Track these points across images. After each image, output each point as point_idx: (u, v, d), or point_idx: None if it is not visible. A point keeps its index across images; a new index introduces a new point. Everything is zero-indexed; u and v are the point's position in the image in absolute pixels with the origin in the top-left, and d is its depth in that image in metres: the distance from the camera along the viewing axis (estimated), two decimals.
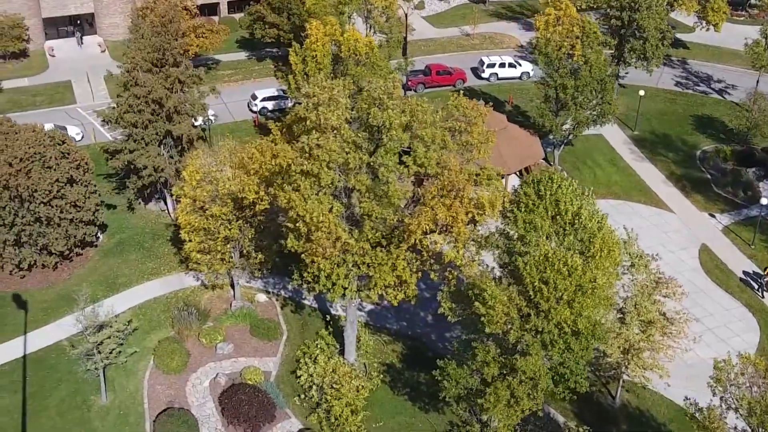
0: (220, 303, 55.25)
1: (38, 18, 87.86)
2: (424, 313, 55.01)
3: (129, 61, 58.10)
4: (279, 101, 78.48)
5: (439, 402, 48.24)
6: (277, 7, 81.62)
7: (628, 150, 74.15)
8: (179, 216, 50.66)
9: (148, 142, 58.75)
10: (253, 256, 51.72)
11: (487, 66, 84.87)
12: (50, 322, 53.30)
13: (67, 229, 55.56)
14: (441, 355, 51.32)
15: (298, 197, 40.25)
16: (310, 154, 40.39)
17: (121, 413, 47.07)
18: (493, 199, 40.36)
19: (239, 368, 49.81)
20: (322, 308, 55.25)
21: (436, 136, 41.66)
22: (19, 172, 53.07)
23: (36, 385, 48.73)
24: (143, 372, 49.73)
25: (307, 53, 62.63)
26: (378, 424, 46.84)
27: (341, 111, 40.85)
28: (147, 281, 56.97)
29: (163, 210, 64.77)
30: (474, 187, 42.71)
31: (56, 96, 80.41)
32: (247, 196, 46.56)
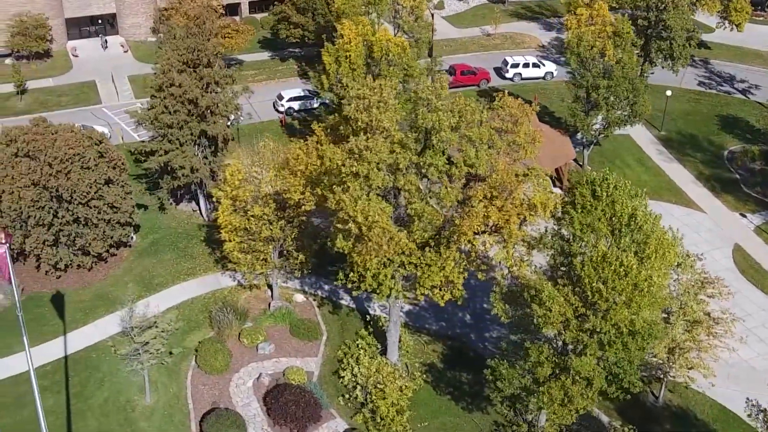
0: (258, 303, 55.29)
1: (61, 18, 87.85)
2: (462, 314, 55.08)
3: (164, 62, 58.07)
4: (305, 101, 78.53)
5: (482, 402, 48.44)
6: (302, 8, 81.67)
7: (656, 150, 74.26)
8: (220, 216, 50.67)
9: (183, 143, 58.78)
10: (293, 256, 51.77)
11: (511, 66, 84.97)
12: (89, 323, 53.35)
13: (105, 229, 55.58)
14: (482, 355, 51.94)
15: (348, 198, 40.30)
16: (359, 155, 40.48)
17: (166, 413, 47.11)
18: (545, 200, 40.42)
19: (281, 368, 49.87)
20: (359, 308, 55.30)
21: (484, 136, 41.76)
22: (59, 173, 53.10)
23: (79, 385, 48.77)
24: (185, 372, 49.78)
25: (340, 53, 62.61)
26: (423, 424, 46.91)
27: (392, 112, 40.97)
28: (183, 281, 57.01)
29: (195, 210, 64.81)
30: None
31: (81, 96, 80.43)
32: (291, 196, 46.59)
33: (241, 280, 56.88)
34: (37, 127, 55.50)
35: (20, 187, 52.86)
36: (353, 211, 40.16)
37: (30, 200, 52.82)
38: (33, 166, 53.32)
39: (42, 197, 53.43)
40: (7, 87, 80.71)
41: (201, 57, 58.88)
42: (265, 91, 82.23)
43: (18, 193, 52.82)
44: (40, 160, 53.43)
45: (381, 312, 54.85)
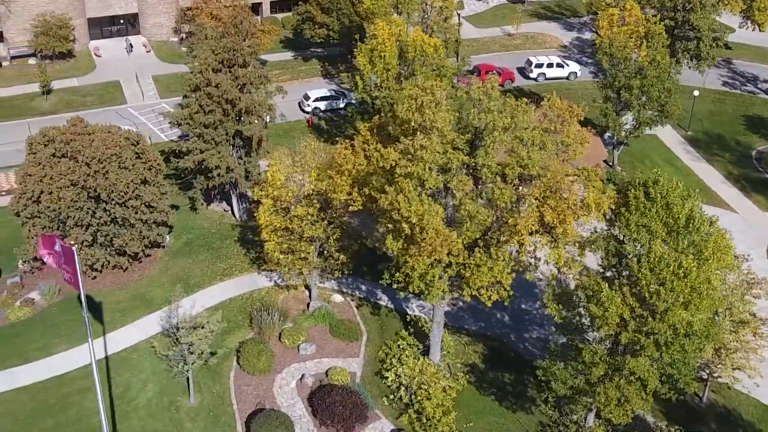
0: (296, 303, 55.24)
1: (83, 18, 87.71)
2: (500, 314, 55.07)
3: (200, 62, 57.98)
4: (331, 101, 78.46)
5: (526, 402, 48.47)
6: (327, 8, 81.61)
7: (684, 150, 74.33)
8: (260, 216, 50.57)
9: (218, 143, 58.71)
10: (334, 257, 51.71)
11: (535, 66, 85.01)
12: (128, 323, 53.25)
13: (141, 230, 55.48)
14: (523, 355, 51.98)
15: (402, 199, 40.26)
16: (413, 155, 40.44)
17: (211, 414, 47.05)
18: (599, 200, 40.42)
19: (323, 369, 49.82)
20: (398, 309, 55.27)
21: (536, 137, 41.78)
22: (97, 173, 53.01)
23: (122, 386, 48.68)
24: (228, 373, 49.72)
25: (374, 53, 62.57)
26: (468, 424, 46.88)
27: (445, 113, 40.97)
28: (220, 282, 56.93)
29: (227, 211, 64.71)
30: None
31: (106, 96, 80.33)
32: (338, 197, 46.54)
33: (278, 280, 56.85)
34: (74, 127, 55.43)
35: (59, 187, 52.82)
36: (407, 212, 40.14)
37: (69, 200, 52.76)
38: (72, 166, 53.27)
39: (80, 197, 53.37)
40: (31, 87, 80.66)
41: (237, 57, 58.82)
42: (290, 91, 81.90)
43: (57, 194, 52.77)
44: (79, 160, 53.37)
45: (419, 312, 54.83)
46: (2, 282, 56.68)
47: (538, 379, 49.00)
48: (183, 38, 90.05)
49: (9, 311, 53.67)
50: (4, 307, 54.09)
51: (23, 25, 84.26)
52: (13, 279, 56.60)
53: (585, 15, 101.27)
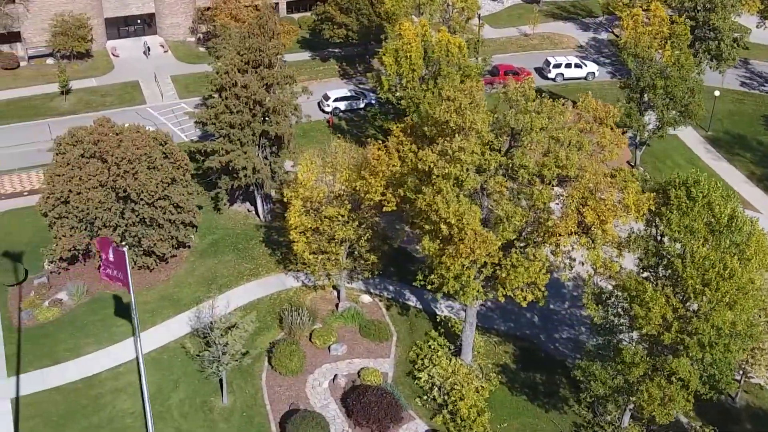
0: (324, 304, 55.18)
1: (101, 18, 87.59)
2: (529, 314, 55.01)
3: (227, 63, 57.89)
4: (351, 101, 78.37)
5: (559, 402, 48.42)
6: (346, 8, 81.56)
7: (705, 150, 74.33)
8: (291, 217, 50.49)
9: (244, 143, 58.62)
10: (365, 257, 51.65)
11: (554, 66, 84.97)
12: (157, 324, 53.19)
13: (170, 230, 55.40)
14: (553, 356, 51.92)
15: (441, 200, 40.23)
16: (451, 156, 40.40)
17: (245, 415, 46.99)
18: (638, 201, 40.37)
19: (355, 369, 49.76)
20: (426, 309, 55.20)
21: (573, 137, 41.74)
22: (127, 173, 52.93)
23: (154, 386, 48.55)
24: (259, 373, 49.66)
25: (400, 54, 62.49)
26: (503, 425, 46.82)
27: (483, 114, 40.95)
28: (247, 282, 56.86)
29: (250, 211, 64.65)
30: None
31: (125, 96, 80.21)
32: (372, 197, 46.48)
33: (305, 280, 56.80)
34: (101, 128, 55.34)
35: (88, 188, 52.77)
36: (445, 213, 40.12)
37: (97, 201, 52.70)
38: (100, 166, 53.22)
39: (108, 198, 53.32)
40: (50, 87, 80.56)
41: (262, 57, 58.75)
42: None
43: (86, 194, 52.72)
44: (108, 160, 53.30)
45: (448, 313, 54.79)
46: (29, 282, 56.63)
47: (571, 379, 49.17)
48: (200, 38, 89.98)
49: (37, 312, 53.63)
50: (33, 307, 54.05)
51: (41, 25, 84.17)
52: (40, 279, 56.54)
53: (600, 15, 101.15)
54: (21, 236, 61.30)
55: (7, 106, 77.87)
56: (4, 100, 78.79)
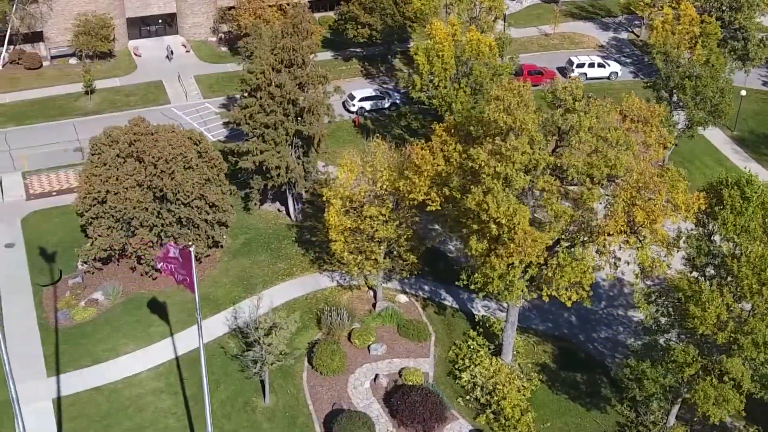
0: (361, 303, 55.13)
1: (122, 18, 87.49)
2: (567, 314, 54.98)
3: (262, 62, 57.79)
4: (376, 101, 78.30)
5: (600, 402, 48.38)
6: (370, 8, 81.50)
7: (732, 150, 74.33)
8: (330, 217, 50.38)
9: (278, 143, 58.55)
10: (404, 257, 51.60)
11: (577, 66, 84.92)
12: (194, 324, 52.91)
13: (205, 230, 55.32)
14: (593, 355, 51.89)
15: (491, 199, 40.18)
16: (502, 156, 40.35)
17: (288, 415, 46.94)
18: (688, 201, 40.35)
19: (395, 369, 49.72)
20: (463, 309, 55.17)
21: (620, 137, 41.69)
22: (164, 173, 52.86)
23: (195, 386, 48.49)
24: (300, 373, 49.60)
25: (432, 53, 62.45)
26: (546, 424, 46.78)
27: (533, 114, 40.93)
28: (282, 282, 56.78)
29: (280, 211, 64.58)
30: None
31: (149, 96, 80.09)
32: (415, 197, 46.42)
33: (340, 280, 56.75)
34: (137, 127, 55.27)
35: (125, 187, 52.69)
36: (495, 213, 40.06)
37: (135, 201, 52.61)
38: (137, 166, 53.15)
39: (146, 198, 53.24)
40: (73, 87, 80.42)
41: (296, 57, 58.68)
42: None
43: (123, 194, 52.63)
44: (144, 160, 53.23)
45: (484, 312, 54.75)
46: (63, 282, 56.52)
47: (612, 378, 49.27)
48: (222, 38, 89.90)
49: (74, 312, 53.57)
50: (69, 307, 53.97)
51: (64, 24, 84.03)
52: (75, 279, 56.44)
53: (619, 15, 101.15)
54: (52, 236, 61.18)
55: (32, 106, 77.75)
56: (28, 99, 78.65)
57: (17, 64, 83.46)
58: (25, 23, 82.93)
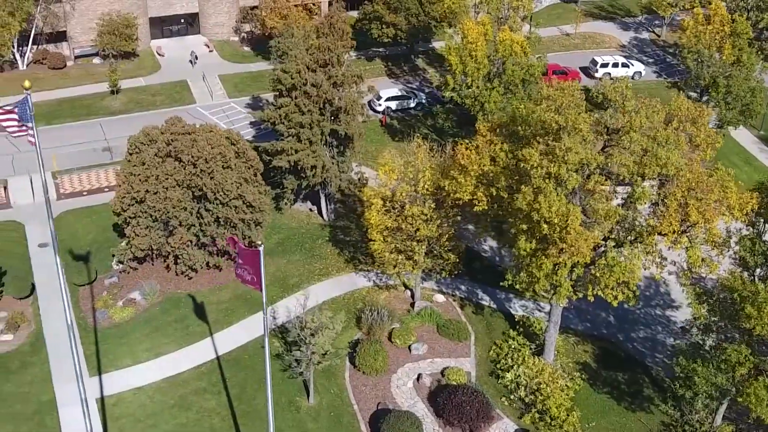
0: (398, 303, 55.17)
1: (145, 17, 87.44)
2: (604, 314, 55.04)
3: (298, 62, 57.76)
4: (402, 101, 78.31)
5: (644, 401, 48.42)
6: (395, 7, 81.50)
7: (758, 149, 74.37)
8: (371, 216, 50.39)
9: (313, 142, 58.55)
10: (445, 256, 51.62)
11: (600, 65, 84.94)
12: (233, 324, 53.11)
13: (243, 230, 55.28)
14: (633, 355, 51.91)
15: (543, 200, 40.21)
16: (554, 156, 40.39)
17: (333, 414, 46.95)
18: (743, 201, 40.41)
19: (437, 369, 49.75)
20: (501, 308, 55.21)
21: (670, 136, 41.75)
22: (203, 172, 52.86)
23: (238, 386, 48.55)
24: (342, 372, 49.62)
25: (464, 53, 62.48)
26: (590, 424, 46.80)
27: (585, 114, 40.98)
28: (318, 282, 56.79)
29: (312, 210, 64.57)
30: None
31: (175, 96, 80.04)
32: (461, 196, 46.46)
33: (376, 280, 56.79)
34: (174, 127, 55.29)
35: (165, 187, 52.67)
36: (548, 213, 40.10)
37: (175, 200, 52.59)
38: (177, 166, 53.13)
39: (186, 197, 53.23)
40: (98, 87, 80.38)
41: (331, 57, 58.68)
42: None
43: (163, 194, 52.62)
44: (183, 160, 53.21)
45: (522, 312, 54.80)
46: (99, 282, 56.50)
47: (653, 378, 49.35)
48: (244, 38, 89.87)
49: (112, 311, 53.58)
50: (107, 307, 53.95)
51: (88, 24, 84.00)
52: (111, 279, 56.43)
53: (639, 15, 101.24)
54: (85, 236, 61.22)
55: (59, 106, 77.71)
56: (54, 99, 78.59)
57: (41, 63, 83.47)
58: (49, 23, 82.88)
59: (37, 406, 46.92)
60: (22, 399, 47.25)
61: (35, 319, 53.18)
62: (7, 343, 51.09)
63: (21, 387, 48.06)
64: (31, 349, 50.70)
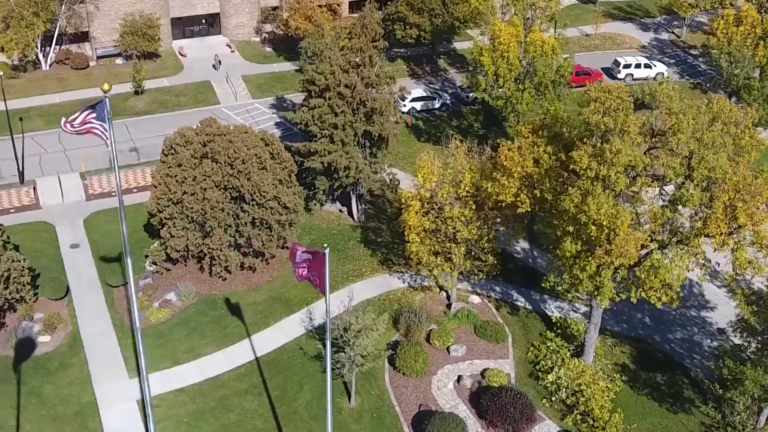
0: (434, 304, 55.17)
1: (167, 18, 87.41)
2: (640, 315, 55.10)
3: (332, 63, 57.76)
4: (427, 102, 78.34)
5: (684, 403, 48.46)
6: (419, 8, 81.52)
7: None
8: (409, 218, 50.41)
9: (346, 143, 58.56)
10: (483, 258, 51.66)
11: (623, 66, 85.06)
12: (270, 325, 53.11)
13: (278, 231, 55.29)
14: (671, 357, 51.95)
15: (592, 201, 40.25)
16: (601, 158, 40.43)
17: (375, 416, 46.95)
18: None
19: (477, 370, 49.78)
20: (536, 310, 55.24)
21: (716, 138, 41.78)
22: (240, 173, 52.88)
23: (278, 388, 48.55)
24: (381, 374, 49.62)
25: (495, 54, 62.51)
26: (632, 425, 46.79)
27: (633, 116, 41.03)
28: (352, 283, 56.74)
29: (342, 211, 64.57)
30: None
31: (199, 96, 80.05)
32: (504, 198, 46.49)
33: (410, 281, 56.82)
34: (209, 128, 55.30)
35: (203, 188, 52.66)
36: (597, 215, 40.14)
37: (214, 201, 52.58)
38: (215, 167, 53.14)
39: (224, 199, 53.22)
40: (121, 87, 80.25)
41: (363, 58, 58.72)
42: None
43: (201, 195, 52.61)
44: (219, 161, 53.22)
45: (557, 313, 54.85)
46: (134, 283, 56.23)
47: (693, 379, 49.42)
48: (265, 38, 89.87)
49: (148, 312, 53.57)
50: (143, 308, 53.94)
51: (111, 24, 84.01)
52: (145, 280, 56.42)
53: (658, 15, 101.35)
54: (116, 237, 61.01)
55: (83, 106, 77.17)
56: (78, 100, 78.46)
57: (64, 64, 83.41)
58: (72, 23, 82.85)
59: (79, 407, 46.93)
60: (63, 400, 47.27)
61: (71, 320, 53.16)
62: (45, 344, 51.07)
63: (61, 388, 48.07)
64: (69, 350, 50.70)
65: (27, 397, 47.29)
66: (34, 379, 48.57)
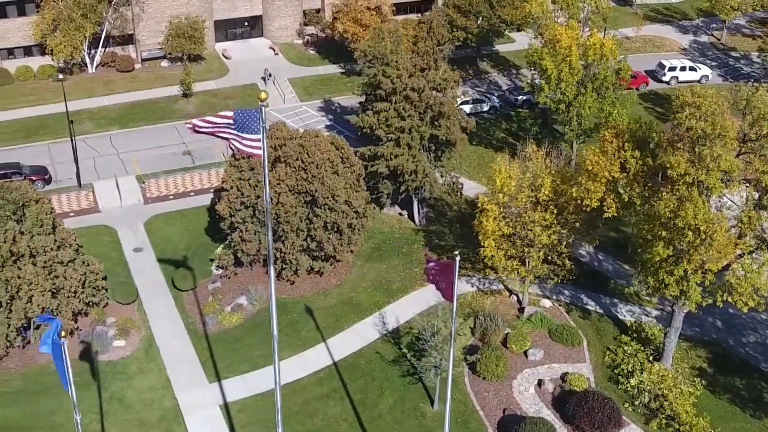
0: (505, 308, 55.14)
1: (211, 20, 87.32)
2: (711, 319, 55.12)
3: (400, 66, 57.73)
4: (476, 105, 78.25)
5: (765, 407, 48.44)
6: (465, 10, 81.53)
7: None
8: (486, 223, 50.38)
9: (412, 147, 58.54)
10: (560, 263, 51.66)
11: (668, 69, 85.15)
12: (344, 329, 53.10)
13: (349, 235, 55.24)
14: (747, 360, 51.97)
15: (690, 207, 40.29)
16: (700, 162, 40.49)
17: (459, 420, 46.93)
18: None
19: (556, 374, 49.78)
20: (608, 314, 55.25)
21: None
22: (314, 178, 52.86)
23: (359, 392, 48.53)
24: (461, 378, 49.58)
25: (557, 58, 62.52)
26: (716, 429, 46.77)
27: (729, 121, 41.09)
28: (420, 287, 56.62)
29: (402, 215, 64.52)
30: None
31: (248, 99, 79.88)
32: (588, 203, 46.50)
33: (479, 285, 56.80)
34: (280, 132, 55.30)
35: (278, 192, 52.62)
36: (694, 220, 40.18)
37: (289, 205, 52.56)
38: (289, 171, 53.11)
39: (298, 203, 53.20)
40: (168, 90, 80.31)
41: (429, 61, 58.76)
42: None
43: (276, 199, 52.56)
44: (292, 165, 53.20)
45: (629, 317, 54.86)
46: (202, 287, 56.37)
47: None
48: (308, 41, 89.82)
49: (221, 317, 53.50)
50: (215, 313, 53.88)
51: (156, 27, 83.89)
52: (215, 284, 56.36)
53: (695, 18, 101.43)
54: (179, 240, 61.21)
55: (132, 109, 77.62)
56: (126, 102, 78.52)
57: (109, 66, 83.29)
58: (118, 26, 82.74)
59: (161, 412, 46.89)
60: (146, 405, 47.25)
61: (144, 325, 53.11)
62: (120, 348, 51.03)
63: (142, 393, 48.04)
64: (146, 355, 50.66)
65: (109, 402, 47.28)
66: (114, 384, 48.55)
